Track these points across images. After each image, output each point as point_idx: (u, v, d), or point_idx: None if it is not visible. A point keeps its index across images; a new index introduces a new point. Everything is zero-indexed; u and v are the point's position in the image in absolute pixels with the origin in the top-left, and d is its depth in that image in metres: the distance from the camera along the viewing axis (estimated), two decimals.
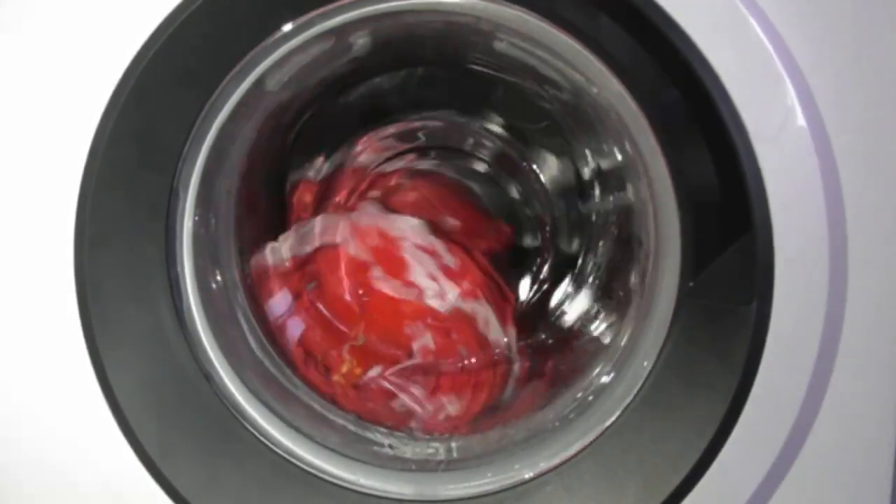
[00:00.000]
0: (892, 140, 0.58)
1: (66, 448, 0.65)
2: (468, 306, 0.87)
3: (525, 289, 1.01)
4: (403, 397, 0.83)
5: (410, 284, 0.85)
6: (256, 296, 0.82)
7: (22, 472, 0.66)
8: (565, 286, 0.98)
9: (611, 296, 0.90)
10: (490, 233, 0.99)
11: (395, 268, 0.85)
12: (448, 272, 0.86)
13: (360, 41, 0.76)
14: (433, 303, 0.85)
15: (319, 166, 0.97)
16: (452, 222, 0.95)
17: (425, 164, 1.01)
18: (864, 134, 0.58)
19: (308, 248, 0.85)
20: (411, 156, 1.00)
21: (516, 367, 0.88)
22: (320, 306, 0.86)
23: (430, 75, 0.95)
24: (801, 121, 0.56)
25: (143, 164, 0.63)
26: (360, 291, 0.85)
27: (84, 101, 0.61)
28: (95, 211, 0.62)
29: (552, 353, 0.90)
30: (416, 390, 0.83)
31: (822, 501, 0.62)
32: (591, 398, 0.70)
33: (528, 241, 1.02)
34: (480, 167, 1.07)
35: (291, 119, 0.88)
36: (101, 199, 0.62)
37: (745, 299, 0.58)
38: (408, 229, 0.86)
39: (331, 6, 0.62)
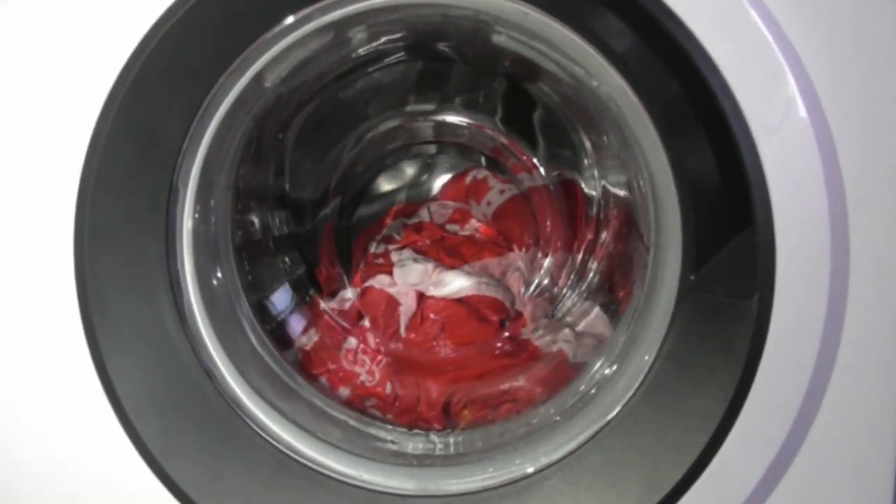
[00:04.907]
0: (893, 132, 0.58)
1: (68, 446, 0.65)
2: None
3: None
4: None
5: None
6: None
7: (24, 472, 0.67)
8: (566, 280, 0.98)
9: (612, 289, 0.90)
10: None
11: None
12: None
13: (359, 35, 0.76)
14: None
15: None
16: None
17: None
18: (865, 125, 0.58)
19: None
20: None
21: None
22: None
23: (429, 70, 0.95)
24: (802, 112, 0.56)
25: (143, 160, 0.62)
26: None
27: (83, 98, 0.61)
28: (95, 208, 0.62)
29: (553, 346, 0.89)
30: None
31: (824, 495, 0.62)
32: (592, 392, 0.70)
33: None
34: (481, 160, 1.07)
35: (291, 114, 0.88)
36: (101, 195, 0.62)
37: (747, 293, 0.58)
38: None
39: (330, 0, 0.62)
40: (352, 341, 0.90)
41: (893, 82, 0.57)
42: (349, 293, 0.95)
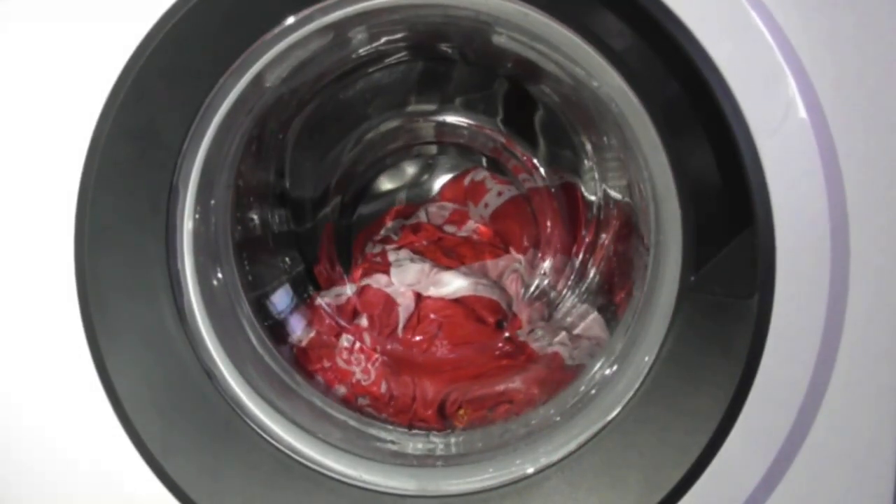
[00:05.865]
0: (893, 132, 0.58)
1: (68, 446, 0.65)
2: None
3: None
4: None
5: None
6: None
7: (25, 472, 0.67)
8: (566, 282, 0.98)
9: (612, 291, 0.90)
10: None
11: None
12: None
13: (360, 36, 0.76)
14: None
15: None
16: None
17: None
18: (865, 126, 0.58)
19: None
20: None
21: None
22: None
23: (429, 70, 0.95)
24: (802, 113, 0.56)
25: (143, 160, 0.62)
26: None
27: (83, 98, 0.61)
28: (95, 208, 0.62)
29: (549, 349, 0.90)
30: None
31: (825, 495, 0.62)
32: (592, 392, 0.70)
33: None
34: (482, 161, 1.07)
35: (291, 114, 0.88)
36: (101, 196, 0.62)
37: (747, 293, 0.58)
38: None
39: (331, 0, 0.62)
40: (347, 339, 0.90)
41: (893, 83, 0.57)
42: (347, 290, 0.95)
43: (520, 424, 0.75)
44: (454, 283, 0.93)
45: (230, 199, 0.76)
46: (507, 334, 0.93)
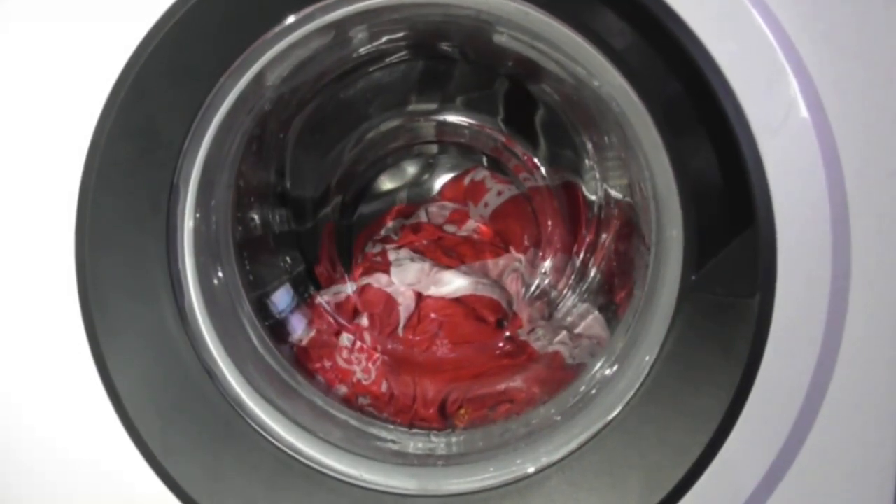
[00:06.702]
0: (894, 131, 0.58)
1: (69, 446, 0.66)
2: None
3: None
4: None
5: None
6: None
7: (25, 472, 0.67)
8: (567, 281, 0.98)
9: (612, 290, 0.90)
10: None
11: None
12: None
13: (360, 35, 0.76)
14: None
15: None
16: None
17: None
18: (867, 126, 0.58)
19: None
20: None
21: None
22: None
23: (430, 69, 0.95)
24: (803, 113, 0.56)
25: (144, 160, 0.62)
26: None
27: (84, 98, 0.61)
28: (96, 208, 0.62)
29: (549, 348, 0.90)
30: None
31: (825, 495, 0.62)
32: (593, 392, 0.70)
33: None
34: (482, 160, 1.07)
35: (292, 113, 0.88)
36: (102, 195, 0.62)
37: (748, 292, 0.58)
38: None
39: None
40: (347, 339, 0.90)
41: (895, 82, 0.57)
42: (347, 288, 0.95)
43: (520, 424, 0.75)
44: (454, 283, 0.93)
45: (231, 199, 0.76)
46: (507, 334, 0.93)
